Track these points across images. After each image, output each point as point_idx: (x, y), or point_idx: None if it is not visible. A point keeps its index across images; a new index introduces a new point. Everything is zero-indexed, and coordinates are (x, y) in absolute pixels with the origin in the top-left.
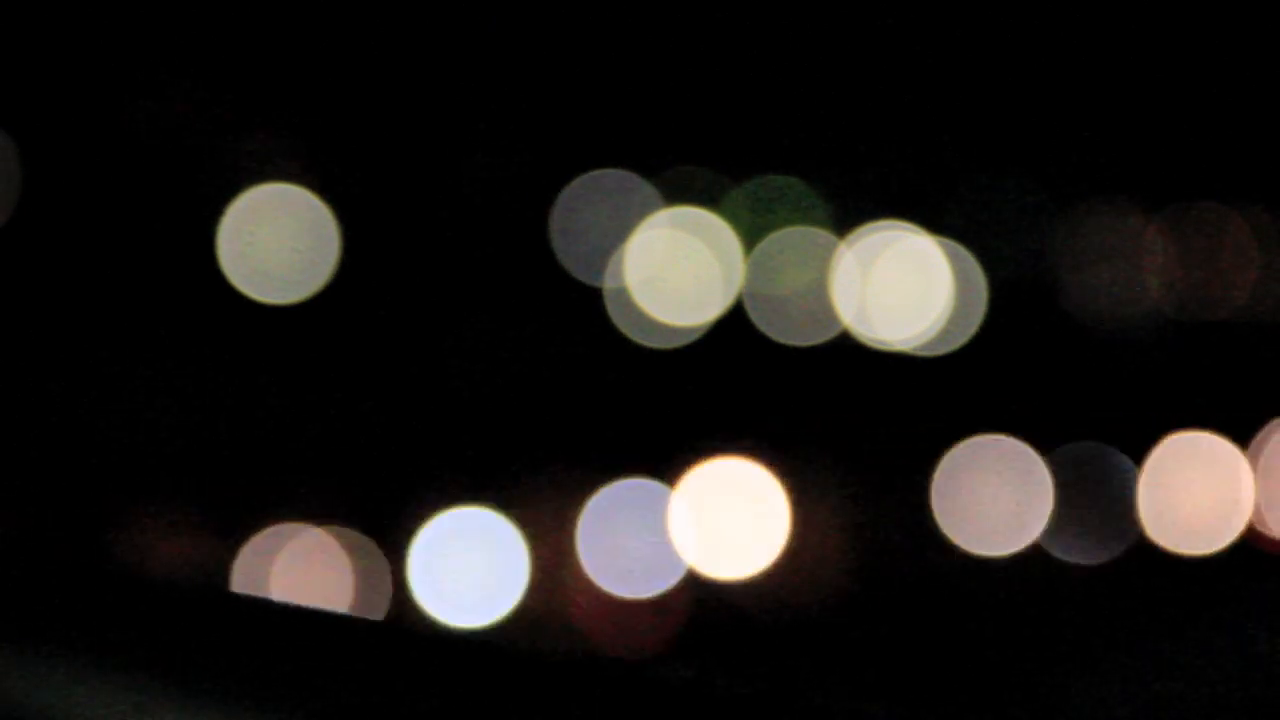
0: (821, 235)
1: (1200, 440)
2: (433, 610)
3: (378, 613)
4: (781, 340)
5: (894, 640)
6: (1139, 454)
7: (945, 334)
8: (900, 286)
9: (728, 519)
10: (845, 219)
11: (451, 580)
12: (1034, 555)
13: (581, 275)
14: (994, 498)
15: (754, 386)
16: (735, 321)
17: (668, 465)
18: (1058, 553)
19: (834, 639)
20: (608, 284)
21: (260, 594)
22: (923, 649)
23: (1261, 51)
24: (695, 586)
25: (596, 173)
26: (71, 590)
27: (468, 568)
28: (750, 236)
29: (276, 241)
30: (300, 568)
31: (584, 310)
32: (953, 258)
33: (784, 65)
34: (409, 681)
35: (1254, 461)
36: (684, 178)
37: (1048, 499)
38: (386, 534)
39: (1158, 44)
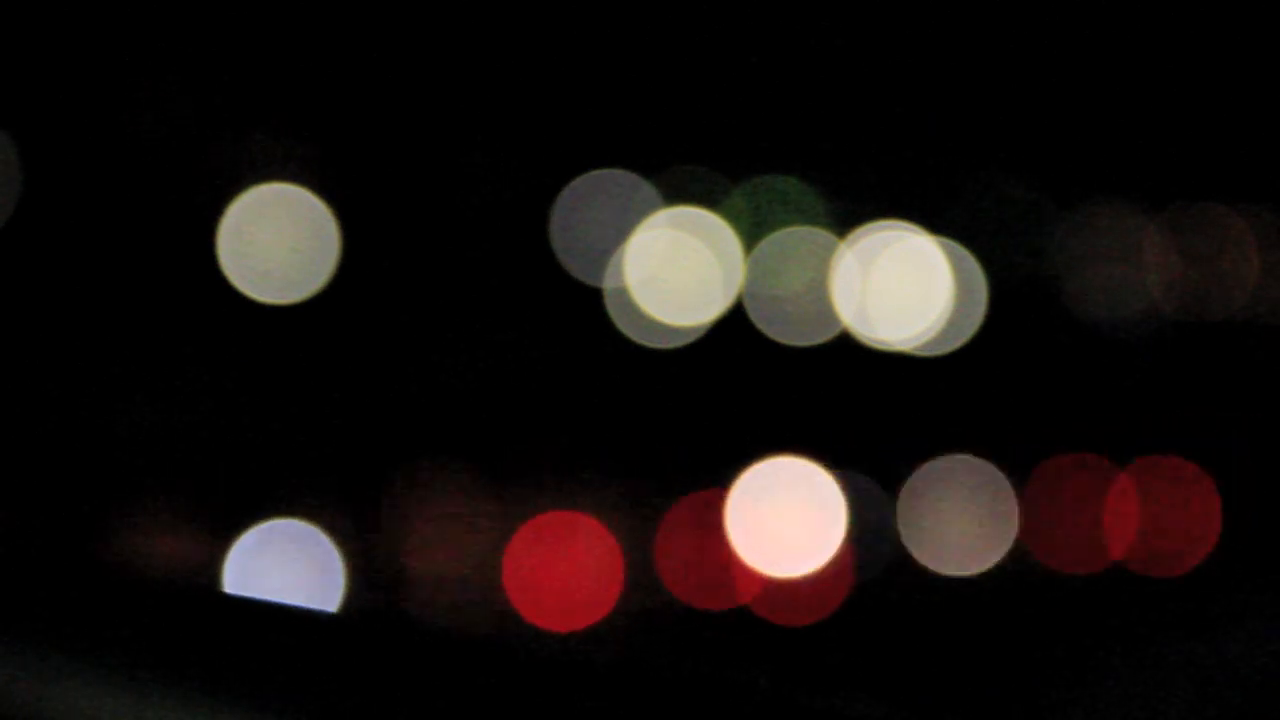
0: (821, 235)
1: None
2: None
3: (370, 611)
4: (781, 340)
5: (890, 641)
6: (1135, 456)
7: (945, 334)
8: (900, 286)
9: (784, 517)
10: (845, 219)
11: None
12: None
13: (581, 275)
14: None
15: (754, 386)
16: (735, 321)
17: (671, 466)
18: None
19: (830, 640)
20: (608, 284)
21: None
22: (920, 650)
23: (1261, 51)
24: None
25: (596, 173)
26: (69, 589)
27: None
28: (750, 236)
29: (276, 241)
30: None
31: (584, 310)
32: (953, 258)
33: (783, 65)
34: (407, 681)
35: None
36: (684, 178)
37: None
38: (383, 534)
39: (1158, 44)
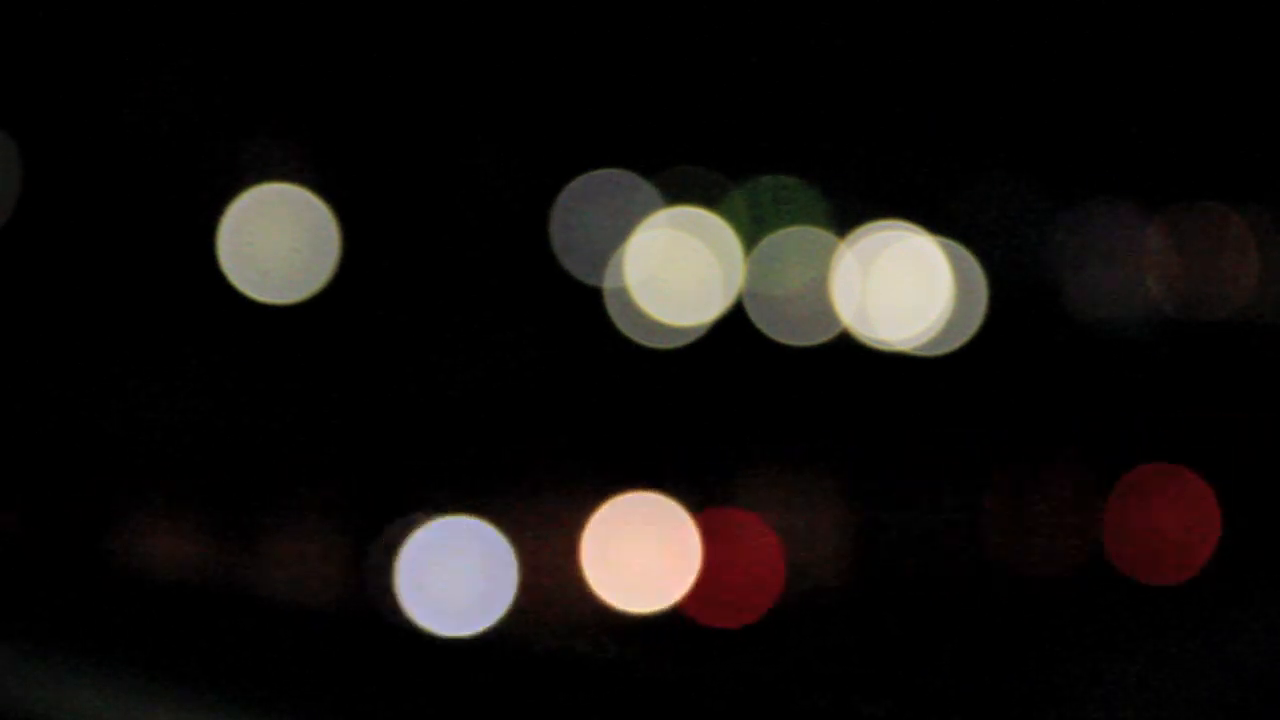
0: (821, 235)
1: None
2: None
3: (370, 614)
4: (781, 340)
5: (890, 641)
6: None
7: (945, 334)
8: (900, 286)
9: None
10: (845, 219)
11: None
12: (1031, 558)
13: (581, 275)
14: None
15: (754, 386)
16: (735, 321)
17: (671, 471)
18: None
19: (830, 640)
20: (608, 284)
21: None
22: (920, 650)
23: (1261, 51)
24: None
25: (596, 173)
26: (71, 590)
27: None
28: (750, 236)
29: (276, 241)
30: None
31: (584, 310)
32: (953, 258)
33: (784, 65)
34: (405, 682)
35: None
36: (684, 178)
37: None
38: (380, 537)
39: (1158, 44)
